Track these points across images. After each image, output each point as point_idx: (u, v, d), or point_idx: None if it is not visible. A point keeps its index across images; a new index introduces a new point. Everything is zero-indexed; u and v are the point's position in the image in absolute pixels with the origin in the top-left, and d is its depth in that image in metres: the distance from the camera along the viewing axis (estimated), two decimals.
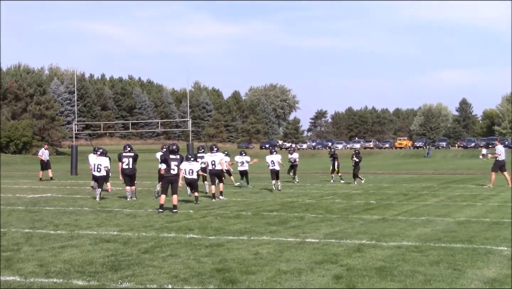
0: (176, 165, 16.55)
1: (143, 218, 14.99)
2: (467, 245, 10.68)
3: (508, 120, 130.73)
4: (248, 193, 23.03)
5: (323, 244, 10.85)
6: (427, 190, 24.27)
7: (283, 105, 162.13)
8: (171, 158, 16.63)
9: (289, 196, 21.41)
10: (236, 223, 13.80)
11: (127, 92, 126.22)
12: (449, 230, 12.61)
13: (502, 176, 26.27)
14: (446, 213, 15.78)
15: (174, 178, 16.55)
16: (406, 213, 15.97)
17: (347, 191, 23.65)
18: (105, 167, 20.38)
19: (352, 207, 17.45)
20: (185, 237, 11.75)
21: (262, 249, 10.36)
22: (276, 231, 12.55)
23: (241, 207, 17.55)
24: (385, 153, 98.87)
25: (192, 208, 17.38)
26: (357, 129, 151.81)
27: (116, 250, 10.33)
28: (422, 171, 41.60)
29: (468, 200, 19.53)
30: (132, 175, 20.35)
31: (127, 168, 20.29)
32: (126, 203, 18.85)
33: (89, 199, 20.43)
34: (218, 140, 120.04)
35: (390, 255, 9.78)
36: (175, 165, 16.54)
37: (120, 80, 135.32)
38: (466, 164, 59.92)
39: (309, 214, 15.61)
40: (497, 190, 23.62)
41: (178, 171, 16.61)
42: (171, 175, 16.51)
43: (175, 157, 16.66)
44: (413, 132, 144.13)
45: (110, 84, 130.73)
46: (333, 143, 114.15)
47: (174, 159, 16.62)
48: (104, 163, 20.40)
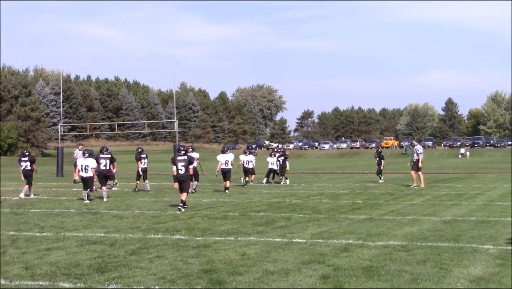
0: (183, 165, 17.28)
1: (130, 219, 14.94)
2: (454, 244, 10.73)
3: (493, 119, 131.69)
4: (235, 193, 23.01)
5: (310, 244, 10.86)
6: (413, 189, 24.36)
7: (269, 105, 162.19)
8: (178, 159, 17.39)
9: (276, 196, 21.41)
10: (223, 224, 13.78)
11: (113, 93, 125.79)
12: (436, 229, 12.66)
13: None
14: (432, 212, 15.85)
15: (184, 177, 17.31)
16: (392, 212, 16.02)
17: (334, 191, 23.70)
18: (92, 168, 20.47)
19: (339, 207, 17.48)
20: (172, 238, 11.71)
21: (249, 249, 10.35)
22: (263, 231, 12.54)
23: (228, 208, 17.53)
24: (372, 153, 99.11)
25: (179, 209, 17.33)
26: (344, 129, 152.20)
27: (102, 251, 10.28)
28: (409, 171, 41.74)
29: (454, 199, 19.63)
30: (108, 176, 21.36)
31: (104, 169, 21.21)
32: (113, 205, 18.79)
33: (75, 201, 20.33)
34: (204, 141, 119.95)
35: (377, 254, 9.81)
36: (182, 166, 17.27)
37: (106, 82, 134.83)
38: (452, 163, 60.26)
39: (296, 214, 15.61)
40: (482, 189, 23.77)
41: (187, 171, 17.35)
42: (180, 175, 17.29)
43: (182, 158, 17.40)
44: (399, 132, 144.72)
45: (96, 85, 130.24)
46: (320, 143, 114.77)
47: (181, 160, 17.36)
48: (91, 164, 20.50)
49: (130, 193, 23.93)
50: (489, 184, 27.07)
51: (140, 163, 25.07)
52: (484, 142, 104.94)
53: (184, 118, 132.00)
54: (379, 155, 30.23)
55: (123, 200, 20.69)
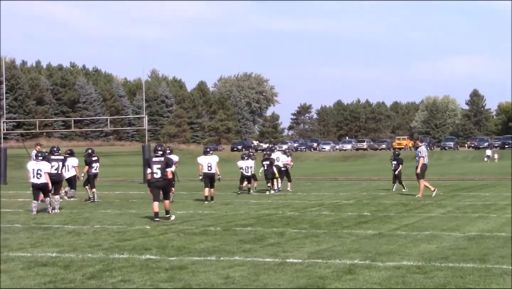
0: (159, 168, 17.60)
1: (89, 235, 14.90)
2: (480, 264, 10.78)
3: None
4: (217, 204, 23.01)
5: (307, 265, 10.87)
6: (431, 199, 24.46)
7: (259, 98, 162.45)
8: (154, 160, 17.78)
9: (266, 208, 21.43)
10: (202, 241, 13.77)
11: (69, 83, 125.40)
12: (458, 246, 12.71)
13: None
14: (454, 227, 15.92)
15: (161, 183, 17.71)
16: (406, 226, 16.07)
17: (336, 201, 23.76)
18: (46, 172, 20.40)
19: (342, 220, 17.52)
20: (140, 258, 11.70)
21: (234, 271, 10.35)
22: (251, 250, 12.55)
23: (209, 221, 17.53)
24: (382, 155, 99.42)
25: (149, 223, 17.31)
26: (348, 127, 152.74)
27: (55, 275, 10.24)
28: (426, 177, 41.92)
29: (480, 211, 19.72)
30: (59, 182, 21.25)
31: (55, 173, 21.01)
32: (68, 218, 18.74)
33: (21, 214, 20.26)
34: (180, 140, 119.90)
35: (388, 277, 9.83)
36: (157, 168, 17.61)
37: (60, 69, 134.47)
38: (477, 167, 60.56)
39: (290, 229, 15.63)
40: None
41: (163, 174, 17.61)
42: (154, 180, 17.70)
43: (158, 159, 17.72)
44: (414, 131, 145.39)
45: (48, 73, 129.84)
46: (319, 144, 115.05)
47: (157, 162, 17.73)
48: (44, 168, 20.43)
49: (89, 204, 23.87)
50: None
51: (90, 168, 25.04)
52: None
53: (155, 113, 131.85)
54: (397, 157, 30.22)
55: (81, 212, 20.63)
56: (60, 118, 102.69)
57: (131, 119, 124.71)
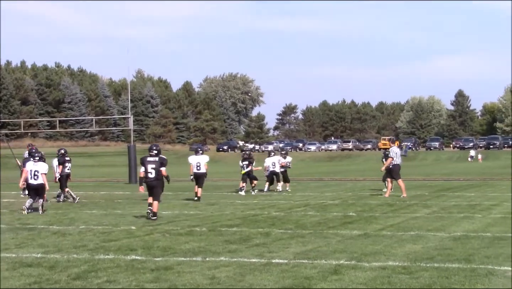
0: (154, 168, 17.95)
1: (74, 236, 14.85)
2: (465, 264, 10.81)
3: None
4: (203, 204, 22.99)
5: (293, 265, 10.88)
6: (417, 199, 24.53)
7: (244, 98, 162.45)
8: (149, 160, 18.10)
9: (252, 208, 21.42)
10: (188, 241, 13.75)
11: (54, 83, 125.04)
12: (443, 247, 12.75)
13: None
14: (439, 227, 15.96)
15: (154, 182, 18.02)
16: (392, 227, 16.11)
17: (322, 202, 23.78)
18: (43, 173, 20.63)
19: (327, 221, 17.54)
20: (125, 259, 11.67)
21: (219, 272, 10.34)
22: (237, 250, 12.54)
23: (194, 222, 17.51)
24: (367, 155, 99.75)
25: (134, 223, 17.27)
26: (333, 127, 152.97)
27: (40, 276, 10.20)
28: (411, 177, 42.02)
29: (465, 211, 19.79)
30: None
31: None
32: (53, 219, 18.66)
33: (6, 214, 20.15)
34: (166, 141, 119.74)
35: (373, 277, 9.85)
36: (152, 168, 17.97)
37: (45, 69, 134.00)
38: (462, 168, 60.81)
39: (276, 230, 15.63)
40: (499, 199, 23.99)
41: (157, 174, 17.99)
42: (149, 179, 18.05)
43: (153, 159, 18.07)
44: (400, 131, 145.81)
45: (33, 73, 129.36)
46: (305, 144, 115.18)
47: (152, 161, 18.06)
48: (42, 169, 20.66)
49: (75, 204, 23.79)
50: (507, 192, 27.32)
51: (63, 167, 24.94)
52: (501, 143, 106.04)
53: (140, 113, 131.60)
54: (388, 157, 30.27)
55: (66, 212, 20.56)
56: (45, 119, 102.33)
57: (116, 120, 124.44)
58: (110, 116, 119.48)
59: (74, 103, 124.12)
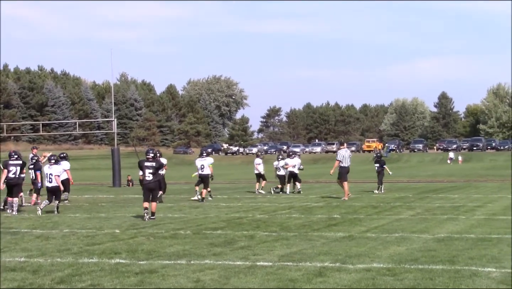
0: (151, 172, 18.94)
1: (58, 240, 14.80)
2: (449, 266, 10.86)
3: (495, 117, 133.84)
4: (187, 207, 22.97)
5: (277, 267, 10.89)
6: (401, 201, 24.62)
7: (228, 101, 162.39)
8: (146, 164, 19.07)
9: (236, 211, 21.43)
10: (172, 244, 13.74)
11: (37, 86, 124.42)
12: (427, 248, 12.80)
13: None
14: (423, 229, 16.03)
15: (152, 184, 18.97)
16: (376, 229, 16.15)
17: (306, 204, 23.82)
18: (57, 175, 21.53)
19: (312, 223, 17.56)
20: (110, 262, 11.64)
21: (204, 275, 10.34)
22: (221, 253, 12.54)
23: (179, 225, 17.49)
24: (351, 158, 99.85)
25: (118, 226, 17.24)
26: (318, 130, 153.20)
27: (23, 280, 10.16)
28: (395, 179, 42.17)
29: (449, 213, 19.89)
30: (17, 185, 21.77)
31: (13, 177, 21.56)
32: (36, 222, 18.59)
33: None
34: (150, 144, 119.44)
35: (358, 279, 9.87)
36: (150, 172, 18.93)
37: (28, 72, 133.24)
38: (446, 169, 61.06)
39: (260, 232, 15.64)
40: (483, 200, 24.12)
41: (155, 177, 19.08)
42: (147, 182, 18.97)
43: (150, 164, 19.07)
44: (384, 133, 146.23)
45: (15, 76, 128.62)
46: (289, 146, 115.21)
47: (149, 166, 19.03)
48: (56, 172, 21.57)
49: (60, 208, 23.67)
50: (490, 194, 27.48)
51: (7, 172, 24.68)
52: (484, 145, 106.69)
53: (124, 116, 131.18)
54: (379, 159, 30.50)
55: (49, 216, 20.49)
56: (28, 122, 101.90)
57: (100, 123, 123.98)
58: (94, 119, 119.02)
59: (58, 107, 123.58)
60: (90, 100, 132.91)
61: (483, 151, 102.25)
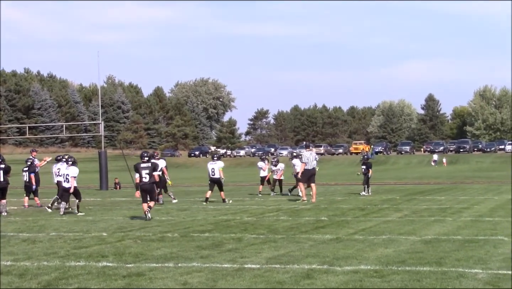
0: (147, 173, 19.56)
1: (44, 243, 14.74)
2: (436, 267, 10.89)
3: (482, 119, 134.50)
4: (174, 210, 22.94)
5: (265, 270, 10.88)
6: (388, 203, 24.67)
7: (216, 104, 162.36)
8: (142, 166, 19.69)
9: (224, 214, 21.41)
10: (160, 247, 13.72)
11: (23, 89, 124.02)
12: (415, 250, 12.83)
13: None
14: (410, 231, 16.06)
15: (148, 186, 19.62)
16: (363, 231, 16.17)
17: (294, 206, 23.82)
18: (73, 176, 22.22)
19: (299, 225, 17.57)
20: (97, 265, 11.60)
21: (191, 278, 10.32)
22: (209, 255, 12.53)
23: (166, 228, 17.46)
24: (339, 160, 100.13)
25: (105, 230, 17.19)
26: (305, 132, 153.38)
27: (10, 284, 10.11)
28: (383, 181, 42.30)
29: (436, 215, 19.93)
30: (3, 188, 22.18)
31: None
32: (23, 226, 18.52)
33: None
34: (137, 146, 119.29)
35: (346, 281, 9.88)
36: (146, 173, 19.56)
37: (14, 75, 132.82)
38: (433, 171, 61.26)
39: (248, 235, 15.63)
40: (470, 202, 24.20)
41: (151, 178, 19.69)
42: (144, 183, 19.63)
43: (146, 165, 19.72)
44: (371, 135, 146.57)
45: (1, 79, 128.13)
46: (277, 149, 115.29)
47: (145, 167, 19.67)
48: (72, 173, 22.25)
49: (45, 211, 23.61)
50: (477, 196, 27.58)
51: None
52: (471, 147, 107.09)
53: (111, 119, 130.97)
54: (365, 162, 30.56)
55: (36, 219, 20.41)
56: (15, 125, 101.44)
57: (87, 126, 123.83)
58: (81, 122, 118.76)
59: (44, 110, 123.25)
60: (77, 103, 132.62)
61: (469, 153, 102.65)
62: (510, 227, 16.37)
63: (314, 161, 26.39)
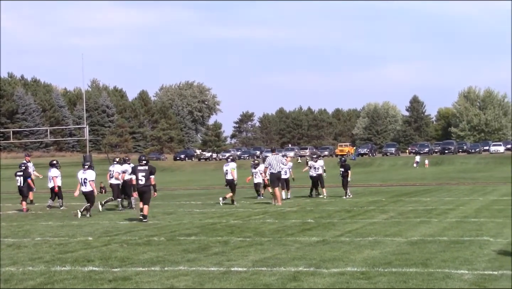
0: (144, 175, 20.13)
1: (30, 248, 14.67)
2: (422, 269, 10.93)
3: (466, 120, 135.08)
4: (160, 213, 22.90)
5: (252, 273, 10.89)
6: (374, 205, 24.73)
7: (201, 107, 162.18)
8: (139, 168, 20.30)
9: (210, 217, 21.40)
10: (146, 251, 13.70)
11: (7, 93, 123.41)
12: (401, 252, 12.87)
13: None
14: (396, 232, 16.11)
15: (144, 188, 20.19)
16: (350, 233, 16.21)
17: (280, 209, 23.84)
18: (91, 180, 22.59)
19: (286, 228, 17.58)
20: (83, 270, 11.57)
21: (178, 281, 10.32)
22: (195, 259, 12.52)
23: (152, 231, 17.43)
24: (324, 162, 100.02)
25: (91, 234, 17.14)
26: (290, 135, 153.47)
27: None
28: (368, 183, 42.39)
29: (422, 216, 20.01)
30: None
31: None
32: (8, 231, 18.44)
33: None
34: (122, 150, 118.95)
35: (332, 283, 9.90)
36: (142, 176, 20.14)
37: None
38: (419, 173, 61.45)
39: (234, 238, 15.63)
40: (455, 203, 24.30)
41: (147, 181, 20.21)
42: (140, 186, 20.23)
43: (143, 168, 20.30)
44: (356, 137, 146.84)
45: None
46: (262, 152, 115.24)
47: (142, 170, 20.25)
48: (89, 177, 22.62)
49: (30, 216, 23.52)
50: (462, 197, 27.71)
51: None
52: (456, 148, 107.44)
53: (96, 123, 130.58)
54: (343, 164, 30.53)
55: (21, 224, 20.32)
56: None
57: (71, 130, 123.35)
58: (65, 126, 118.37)
59: (28, 114, 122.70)
60: (62, 107, 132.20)
61: (454, 154, 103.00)
62: (495, 228, 16.46)
63: (280, 164, 26.46)
